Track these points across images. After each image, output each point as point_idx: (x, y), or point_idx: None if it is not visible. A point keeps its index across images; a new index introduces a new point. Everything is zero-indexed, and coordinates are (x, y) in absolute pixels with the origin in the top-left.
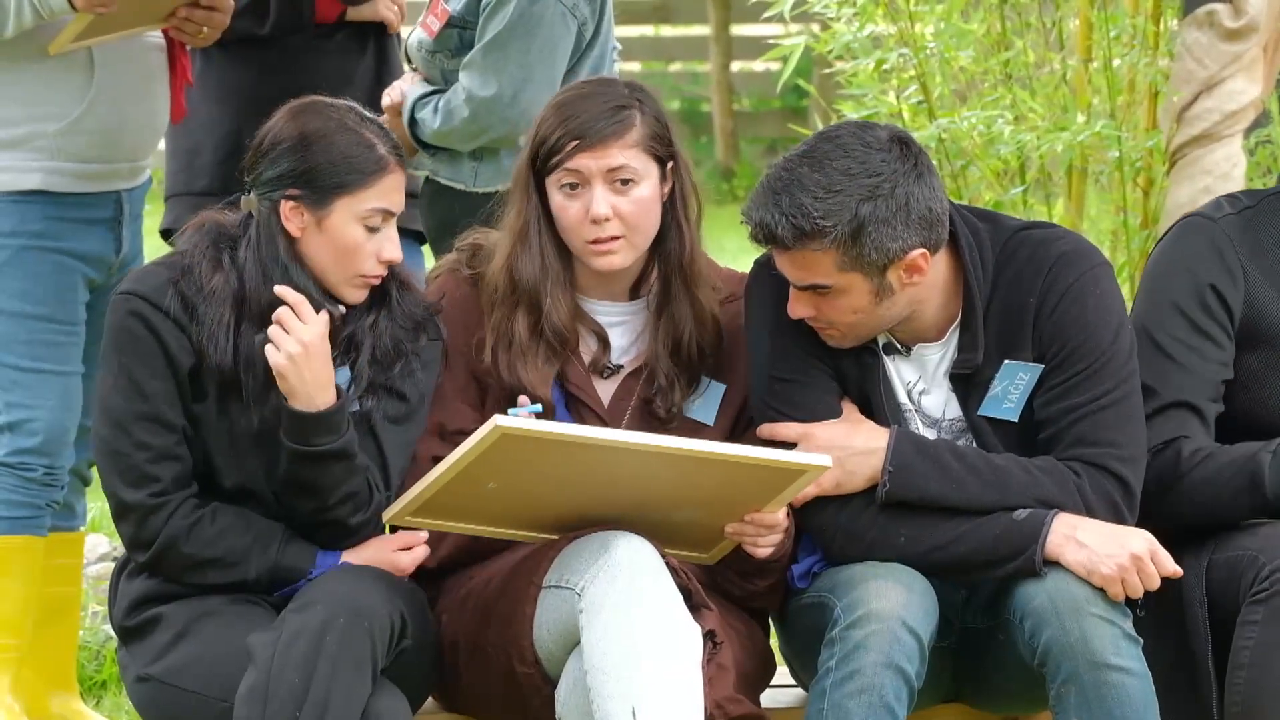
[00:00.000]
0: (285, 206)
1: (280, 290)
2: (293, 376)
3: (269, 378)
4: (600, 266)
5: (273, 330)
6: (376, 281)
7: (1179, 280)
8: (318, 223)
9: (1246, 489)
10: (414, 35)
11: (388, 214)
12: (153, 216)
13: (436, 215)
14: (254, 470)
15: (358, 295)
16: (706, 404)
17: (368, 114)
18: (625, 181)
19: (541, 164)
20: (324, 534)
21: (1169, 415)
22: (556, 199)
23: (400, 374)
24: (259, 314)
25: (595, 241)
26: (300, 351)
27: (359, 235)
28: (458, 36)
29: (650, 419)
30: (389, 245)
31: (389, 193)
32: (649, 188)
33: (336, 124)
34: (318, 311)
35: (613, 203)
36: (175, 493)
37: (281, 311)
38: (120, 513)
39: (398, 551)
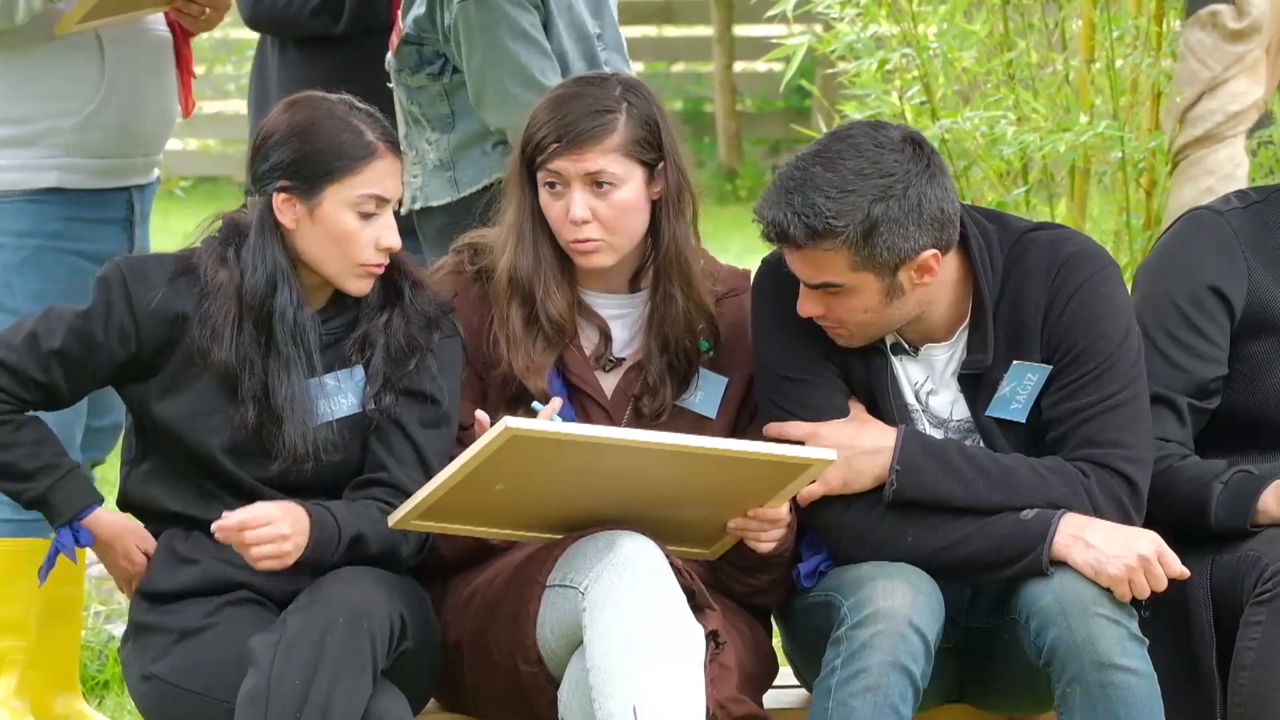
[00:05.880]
0: (278, 199)
1: (219, 525)
2: (288, 552)
3: (266, 376)
4: (583, 264)
5: (257, 552)
6: (379, 271)
7: (1178, 277)
8: (310, 213)
9: (1192, 513)
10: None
11: (382, 200)
12: (160, 215)
13: (434, 237)
14: (259, 464)
15: (362, 286)
16: (709, 398)
17: (360, 104)
18: (603, 185)
19: (530, 160)
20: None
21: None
22: (543, 196)
23: (415, 371)
24: (254, 311)
25: (576, 241)
26: (293, 549)
27: (352, 223)
28: (416, 54)
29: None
30: (387, 232)
31: (380, 178)
32: (630, 191)
33: (324, 113)
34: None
35: (591, 205)
36: (15, 402)
37: (255, 534)
38: None
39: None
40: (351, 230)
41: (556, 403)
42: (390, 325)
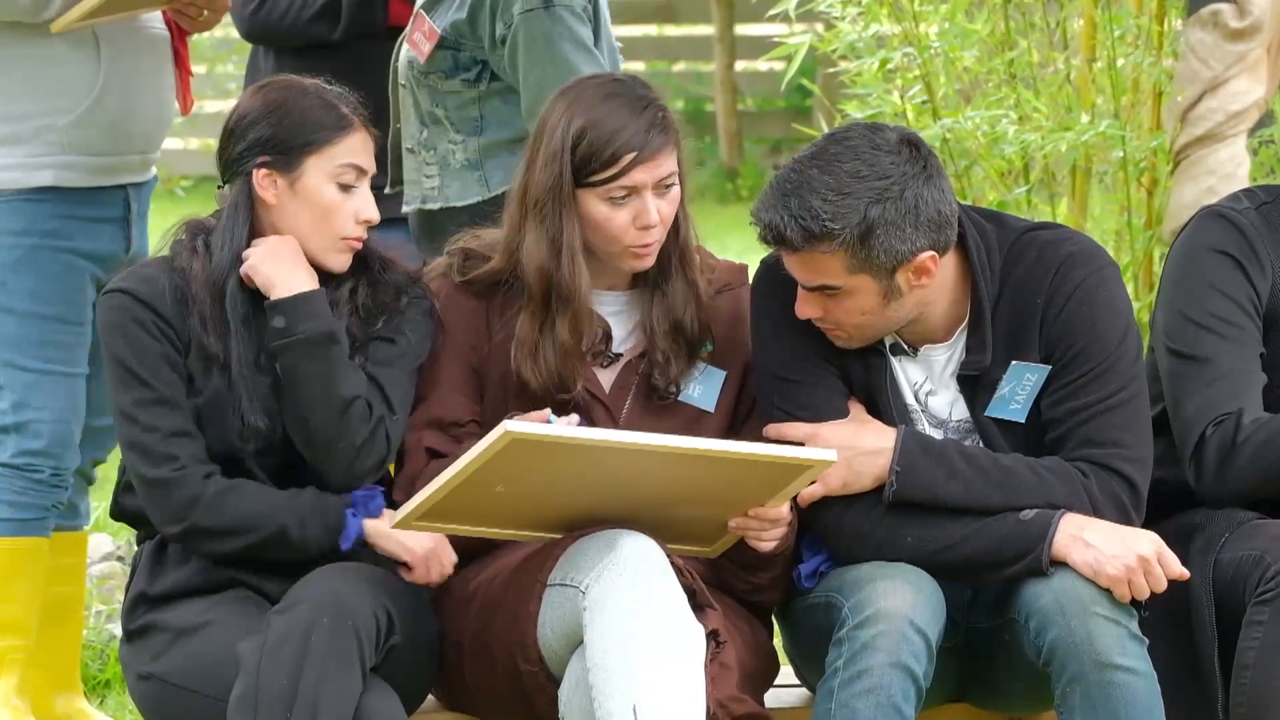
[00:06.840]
0: (258, 175)
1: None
2: (265, 266)
3: (227, 354)
4: (638, 268)
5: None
6: (358, 245)
7: (1211, 261)
8: (291, 186)
9: None
10: (403, 53)
11: (360, 172)
12: (160, 215)
13: (437, 239)
14: (248, 450)
15: (343, 261)
16: (707, 391)
17: (330, 84)
18: (668, 185)
19: (586, 177)
20: (336, 458)
21: (1225, 386)
22: (600, 209)
23: (385, 327)
24: (219, 289)
25: (642, 246)
26: (270, 246)
27: (334, 195)
28: (451, 59)
29: (651, 400)
30: (366, 206)
31: (358, 150)
32: (678, 183)
33: (297, 90)
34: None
35: (657, 205)
36: (194, 466)
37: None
38: (147, 493)
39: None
40: (334, 202)
41: (574, 420)
42: (356, 292)
